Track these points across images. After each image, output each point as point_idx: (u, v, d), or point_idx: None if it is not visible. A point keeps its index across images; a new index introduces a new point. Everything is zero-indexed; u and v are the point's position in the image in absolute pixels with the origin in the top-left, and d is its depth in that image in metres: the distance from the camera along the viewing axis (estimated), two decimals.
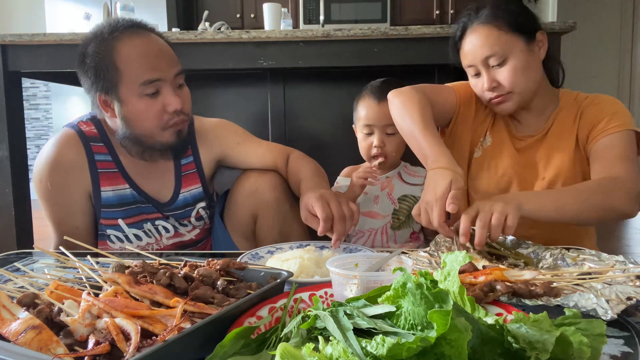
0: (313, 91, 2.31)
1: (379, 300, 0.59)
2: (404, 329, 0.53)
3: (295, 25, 4.30)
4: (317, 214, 1.10)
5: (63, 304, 0.64)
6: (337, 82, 2.27)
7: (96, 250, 0.93)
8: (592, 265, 0.89)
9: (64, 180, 1.25)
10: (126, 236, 1.31)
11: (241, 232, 1.39)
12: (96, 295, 0.67)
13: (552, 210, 1.06)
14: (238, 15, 4.65)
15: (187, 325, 0.59)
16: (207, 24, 2.68)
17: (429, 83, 1.34)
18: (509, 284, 0.72)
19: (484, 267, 0.78)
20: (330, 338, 0.51)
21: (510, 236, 1.07)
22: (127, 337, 0.56)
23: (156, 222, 1.34)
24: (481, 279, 0.73)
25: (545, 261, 0.97)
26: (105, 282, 0.72)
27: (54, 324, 0.62)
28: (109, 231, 1.30)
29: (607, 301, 0.69)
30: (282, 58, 1.85)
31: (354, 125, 1.50)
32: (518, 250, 1.02)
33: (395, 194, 1.44)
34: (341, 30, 1.82)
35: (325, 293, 0.76)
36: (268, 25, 2.53)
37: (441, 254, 0.99)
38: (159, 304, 0.67)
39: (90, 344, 0.57)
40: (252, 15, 4.64)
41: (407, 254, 0.99)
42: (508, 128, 1.33)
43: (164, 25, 4.22)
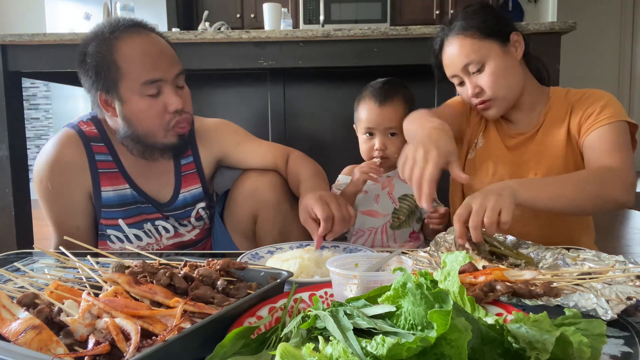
0: (313, 91, 2.31)
1: (379, 300, 0.59)
2: (404, 329, 0.53)
3: (295, 25, 4.30)
4: (318, 214, 1.10)
5: (63, 304, 0.64)
6: (337, 82, 2.27)
7: (96, 250, 0.93)
8: (592, 265, 0.89)
9: (64, 180, 1.25)
10: (126, 236, 1.31)
11: (241, 232, 1.39)
12: (96, 295, 0.67)
13: (547, 198, 1.05)
14: (238, 15, 4.65)
15: (187, 325, 0.59)
16: (207, 24, 2.67)
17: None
18: (509, 284, 0.72)
19: (484, 267, 0.78)
20: (330, 338, 0.51)
21: (510, 236, 1.07)
22: (127, 337, 0.56)
23: (156, 222, 1.34)
24: (481, 279, 0.73)
25: (545, 261, 0.97)
26: (105, 282, 0.72)
27: (54, 324, 0.62)
28: (109, 231, 1.30)
29: (607, 301, 0.69)
30: (282, 58, 1.85)
31: (354, 125, 1.50)
32: (518, 250, 1.02)
33: (396, 193, 1.44)
34: (341, 30, 1.82)
35: (325, 293, 0.76)
36: (268, 25, 2.52)
37: (441, 254, 0.99)
38: (159, 304, 0.67)
39: (90, 344, 0.57)
40: (252, 15, 4.64)
41: (407, 254, 0.99)
42: (500, 127, 1.35)
43: (164, 25, 4.22)
